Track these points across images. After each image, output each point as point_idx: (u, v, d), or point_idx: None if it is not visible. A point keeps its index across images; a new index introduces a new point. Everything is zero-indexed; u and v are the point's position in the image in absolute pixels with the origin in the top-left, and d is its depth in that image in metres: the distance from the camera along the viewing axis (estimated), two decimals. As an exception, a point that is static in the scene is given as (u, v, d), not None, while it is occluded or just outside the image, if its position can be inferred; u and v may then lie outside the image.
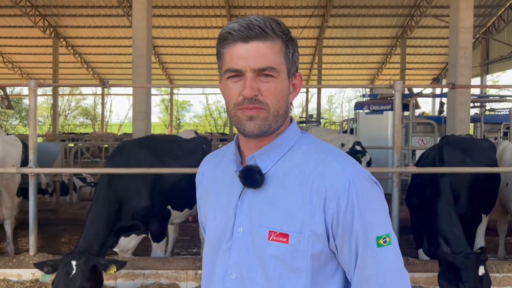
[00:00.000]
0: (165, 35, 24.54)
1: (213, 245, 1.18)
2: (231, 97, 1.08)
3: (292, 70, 1.13)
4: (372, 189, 1.08)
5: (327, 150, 1.14)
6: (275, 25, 1.07)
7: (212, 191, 1.23)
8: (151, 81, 8.78)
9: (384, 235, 1.05)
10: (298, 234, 1.05)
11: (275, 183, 1.10)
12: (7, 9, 21.34)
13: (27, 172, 4.23)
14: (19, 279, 3.78)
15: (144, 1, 8.39)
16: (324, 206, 1.05)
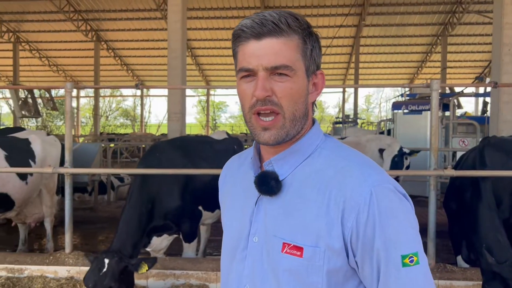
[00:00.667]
0: (201, 37, 24.85)
1: (228, 253, 1.12)
2: (245, 99, 1.01)
3: (312, 68, 1.03)
4: (398, 202, 0.96)
5: (349, 157, 1.03)
6: (291, 20, 0.98)
7: (230, 195, 1.18)
8: (186, 82, 8.89)
9: (411, 253, 0.94)
10: (313, 248, 0.96)
11: (292, 191, 1.02)
12: (52, 14, 22.25)
13: (63, 172, 4.36)
14: (55, 276, 3.90)
15: (179, 4, 8.51)
16: (342, 218, 0.95)
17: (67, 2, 21.29)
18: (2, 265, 3.99)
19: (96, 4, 21.75)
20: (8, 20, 23.91)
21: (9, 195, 5.00)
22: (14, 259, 4.07)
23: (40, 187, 5.53)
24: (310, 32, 1.03)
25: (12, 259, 4.07)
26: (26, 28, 24.78)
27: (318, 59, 1.06)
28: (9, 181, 4.97)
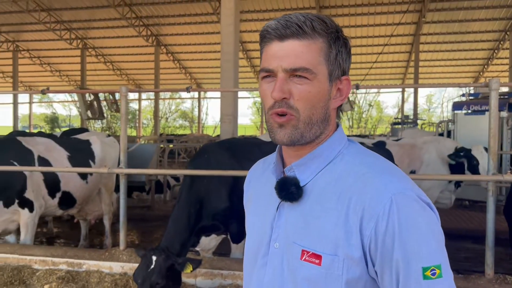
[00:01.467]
0: (256, 39, 25.03)
1: (250, 259, 1.12)
2: (265, 100, 1.01)
3: (336, 73, 1.01)
4: (420, 211, 0.92)
5: (371, 163, 1.00)
6: (317, 23, 0.97)
7: (254, 200, 1.18)
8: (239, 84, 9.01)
9: (433, 266, 0.90)
10: (332, 256, 0.94)
11: (312, 197, 1.01)
12: (116, 21, 23.43)
13: (117, 172, 4.58)
14: (110, 271, 4.10)
15: (232, 7, 8.66)
16: (361, 227, 0.93)
17: (129, 9, 22.32)
18: (63, 259, 4.27)
19: (156, 10, 22.62)
20: (77, 28, 25.48)
21: (71, 193, 5.34)
22: (73, 254, 4.33)
23: (100, 186, 5.84)
24: (337, 36, 1.00)
25: (72, 254, 4.34)
26: (92, 35, 26.28)
27: (345, 64, 1.03)
28: (71, 180, 5.30)
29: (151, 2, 21.50)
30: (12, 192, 4.66)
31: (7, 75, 32.76)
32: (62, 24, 24.60)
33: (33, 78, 34.58)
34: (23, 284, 4.02)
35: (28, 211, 4.80)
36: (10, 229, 4.89)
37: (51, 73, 32.68)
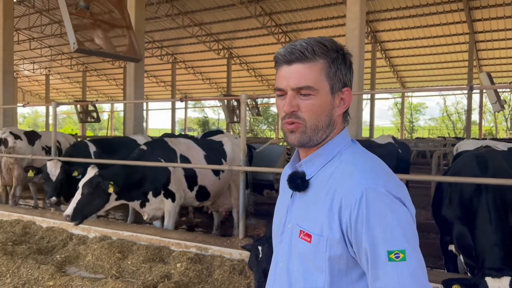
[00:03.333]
0: (395, 38, 24.13)
1: (274, 236, 1.38)
2: (280, 112, 1.25)
3: (337, 86, 1.22)
4: (389, 203, 1.08)
5: (359, 163, 1.19)
6: (317, 47, 1.19)
7: (281, 192, 1.42)
8: (363, 88, 8.96)
9: (397, 250, 1.05)
10: (318, 236, 1.15)
11: (313, 189, 1.23)
12: (257, 30, 24.98)
13: (236, 169, 5.11)
14: (230, 257, 4.64)
15: (357, 11, 8.66)
16: (340, 214, 1.12)
17: (269, 18, 23.61)
18: (193, 243, 4.96)
19: (294, 17, 23.46)
20: (224, 39, 27.85)
21: (206, 187, 6.09)
22: (202, 239, 5.00)
23: (230, 182, 6.51)
24: (336, 56, 1.21)
25: (200, 239, 5.01)
26: (237, 44, 28.40)
27: (345, 77, 1.24)
28: (206, 176, 6.05)
29: (289, 9, 22.40)
30: (159, 184, 5.56)
31: (167, 84, 37.35)
32: (211, 36, 27.18)
33: (188, 86, 38.76)
34: (162, 261, 4.81)
35: (171, 201, 5.67)
36: (157, 216, 5.83)
37: (202, 81, 36.27)
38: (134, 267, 4.65)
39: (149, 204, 5.50)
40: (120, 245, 5.12)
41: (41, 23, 27.60)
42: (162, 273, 4.38)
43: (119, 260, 4.80)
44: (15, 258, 4.81)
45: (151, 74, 37.04)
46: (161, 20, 24.72)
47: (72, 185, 5.66)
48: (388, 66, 27.86)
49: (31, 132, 8.04)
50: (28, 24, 27.97)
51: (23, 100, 46.12)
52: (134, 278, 4.40)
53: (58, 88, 45.12)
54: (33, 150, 7.61)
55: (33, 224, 6.35)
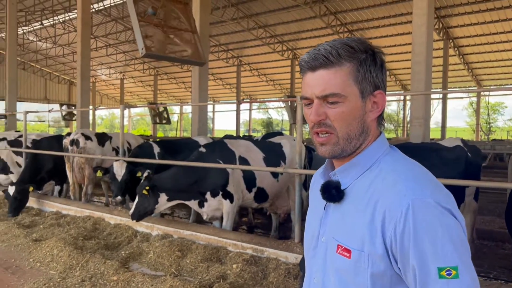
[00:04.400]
0: (470, 33, 22.73)
1: (306, 250, 1.29)
2: (308, 122, 1.17)
3: (368, 89, 1.12)
4: (438, 216, 0.99)
5: (401, 171, 1.09)
6: (343, 50, 1.10)
7: (312, 200, 1.33)
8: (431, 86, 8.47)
9: (448, 267, 0.97)
10: (359, 251, 1.07)
11: (349, 199, 1.14)
12: (321, 30, 24.71)
13: (291, 172, 5.06)
14: (286, 261, 4.59)
15: (424, 7, 8.22)
16: (383, 228, 1.04)
17: (334, 17, 23.24)
18: (249, 245, 4.99)
19: (360, 15, 22.90)
20: (288, 40, 27.86)
21: (265, 189, 6.10)
22: (258, 241, 5.00)
23: (288, 184, 6.47)
24: (365, 57, 1.12)
25: (256, 241, 5.02)
26: (300, 45, 28.29)
27: (376, 79, 1.14)
28: (264, 178, 6.06)
29: (355, 8, 21.91)
30: (217, 185, 5.66)
31: (233, 86, 38.07)
32: (275, 37, 27.30)
33: (252, 88, 39.25)
34: (219, 261, 4.89)
35: (229, 202, 5.74)
36: (216, 216, 5.93)
37: (266, 82, 36.55)
38: (192, 266, 4.76)
39: (208, 205, 5.63)
40: (180, 243, 5.27)
41: (116, 30, 29.35)
42: (218, 273, 4.44)
43: (178, 259, 4.94)
44: (84, 252, 5.12)
45: (217, 76, 37.97)
46: (226, 23, 25.26)
47: (137, 185, 5.93)
48: (462, 63, 26.30)
49: (101, 133, 8.54)
50: (105, 32, 29.88)
51: (100, 103, 49.31)
52: (191, 277, 4.51)
53: (132, 91, 47.69)
54: (103, 151, 8.08)
55: (102, 220, 6.74)
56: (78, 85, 14.70)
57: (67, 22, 30.09)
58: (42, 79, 44.95)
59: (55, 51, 37.50)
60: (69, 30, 30.63)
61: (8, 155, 8.88)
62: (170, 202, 5.57)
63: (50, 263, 5.01)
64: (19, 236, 6.05)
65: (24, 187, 7.28)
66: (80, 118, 14.68)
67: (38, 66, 43.60)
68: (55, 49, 36.83)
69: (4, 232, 6.29)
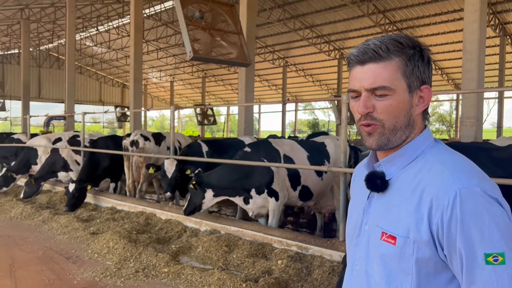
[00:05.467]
0: (530, 29, 21.51)
1: (349, 238, 1.33)
2: (355, 114, 1.21)
3: (415, 84, 1.16)
4: (485, 204, 1.02)
5: (447, 161, 1.13)
6: (392, 45, 1.14)
7: (355, 192, 1.36)
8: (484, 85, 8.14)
9: (495, 253, 0.99)
10: (404, 238, 1.10)
11: (394, 189, 1.17)
12: (370, 29, 24.28)
13: (335, 170, 5.09)
14: (330, 258, 4.64)
15: (476, 3, 7.91)
16: (429, 215, 1.07)
17: (383, 15, 22.78)
18: (294, 242, 5.07)
19: (410, 13, 22.30)
20: (335, 40, 27.60)
21: (309, 187, 6.17)
22: (302, 239, 5.08)
23: (332, 183, 6.50)
24: (413, 53, 1.15)
25: (301, 238, 5.09)
26: (348, 44, 27.92)
27: (423, 75, 1.17)
28: (309, 177, 6.14)
29: (404, 5, 21.38)
30: (262, 183, 5.80)
31: (278, 87, 38.18)
32: (322, 38, 27.13)
33: (298, 88, 39.16)
34: (264, 257, 5.01)
35: (275, 200, 5.87)
36: (261, 213, 6.08)
37: (312, 83, 36.35)
38: (238, 261, 4.92)
39: (253, 202, 5.80)
40: (227, 239, 5.45)
41: (166, 34, 30.31)
42: (264, 269, 4.57)
43: (225, 253, 5.12)
44: (137, 245, 5.42)
45: (263, 78, 38.22)
46: (273, 25, 25.42)
47: (186, 182, 6.19)
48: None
49: (157, 133, 8.93)
50: (156, 36, 30.94)
51: (151, 104, 51.02)
52: (238, 271, 4.66)
53: (181, 94, 48.99)
54: (159, 150, 8.46)
55: (154, 216, 7.06)
56: (131, 87, 15.36)
57: (120, 27, 31.45)
58: (97, 82, 47.19)
59: (109, 55, 39.27)
60: (123, 35, 31.97)
61: (68, 153, 9.48)
62: (216, 198, 5.85)
63: (107, 255, 5.34)
64: (78, 229, 6.48)
65: (83, 185, 7.76)
66: (133, 120, 15.34)
67: (94, 70, 45.80)
68: (109, 53, 38.56)
69: (65, 225, 6.75)
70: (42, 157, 9.95)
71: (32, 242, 6.09)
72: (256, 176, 5.78)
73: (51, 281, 4.62)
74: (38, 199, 8.95)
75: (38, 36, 33.26)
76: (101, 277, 4.69)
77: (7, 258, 5.40)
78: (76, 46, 35.37)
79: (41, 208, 8.03)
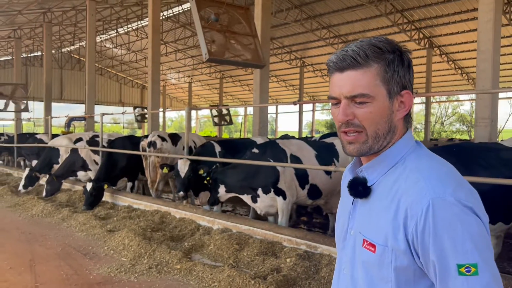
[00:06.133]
0: (552, 27, 21.03)
1: (337, 242, 1.33)
2: (335, 121, 1.20)
3: (395, 90, 1.14)
4: (459, 213, 1.02)
5: (424, 169, 1.11)
6: (370, 51, 1.12)
7: (342, 194, 1.36)
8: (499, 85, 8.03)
9: (468, 264, 0.99)
10: (383, 247, 1.10)
11: (375, 196, 1.17)
12: (387, 28, 24.11)
13: (342, 170, 5.13)
14: (338, 256, 4.71)
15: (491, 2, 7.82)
16: (405, 224, 1.07)
17: (401, 15, 22.60)
18: (303, 241, 5.15)
19: (429, 12, 22.07)
20: (352, 40, 27.45)
21: (318, 186, 6.24)
22: (311, 238, 5.15)
23: (343, 183, 6.55)
24: (393, 58, 1.14)
25: (310, 237, 5.17)
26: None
27: (404, 79, 1.16)
28: (317, 175, 6.20)
29: (422, 4, 21.17)
30: (268, 182, 5.97)
31: (296, 87, 38.17)
32: (339, 38, 27.04)
33: (315, 89, 39.09)
34: (274, 255, 5.10)
35: (282, 198, 5.99)
36: (270, 212, 6.20)
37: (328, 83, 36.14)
38: (249, 259, 5.03)
39: (261, 200, 6.01)
40: (238, 237, 5.57)
41: (184, 36, 30.67)
42: (273, 266, 4.66)
43: (236, 251, 5.24)
44: (152, 242, 5.58)
45: (280, 78, 38.29)
46: (290, 25, 25.47)
47: (200, 182, 6.34)
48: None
49: (174, 134, 9.13)
50: (174, 38, 31.33)
51: (170, 105, 51.62)
52: (248, 269, 4.77)
53: (199, 94, 49.44)
54: (176, 150, 8.65)
55: (169, 214, 7.24)
56: (149, 88, 15.65)
57: (139, 29, 31.95)
58: (117, 83, 48.00)
59: (129, 57, 39.93)
60: (141, 37, 32.48)
61: (87, 153, 9.75)
62: (228, 194, 6.24)
63: (122, 251, 5.52)
64: (95, 227, 6.70)
65: (100, 184, 7.99)
66: (151, 120, 15.62)
67: (114, 72, 46.61)
68: (128, 55, 39.21)
69: (83, 223, 6.98)
70: (63, 156, 10.27)
71: (51, 239, 6.33)
72: (261, 176, 5.98)
73: (68, 276, 4.82)
74: (58, 198, 9.25)
75: (60, 39, 34.04)
76: (116, 272, 4.86)
77: (28, 253, 5.63)
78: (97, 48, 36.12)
79: (61, 206, 8.30)
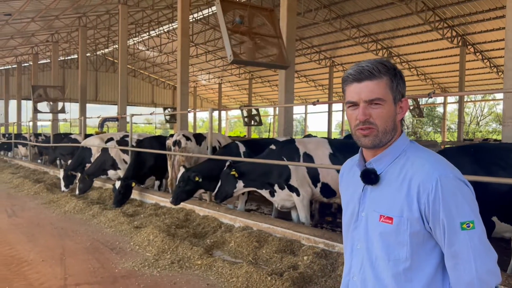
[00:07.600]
0: None
1: (346, 226, 1.63)
2: (351, 121, 1.53)
3: (398, 97, 1.51)
4: (457, 186, 1.39)
5: (424, 156, 1.49)
6: (381, 67, 1.48)
7: (347, 187, 1.68)
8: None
9: (468, 221, 1.36)
10: (399, 217, 1.44)
11: (385, 181, 1.51)
12: (419, 27, 23.64)
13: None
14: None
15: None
16: (418, 197, 1.41)
17: (433, 13, 22.13)
18: (321, 239, 5.21)
19: (462, 10, 21.52)
20: (382, 39, 27.10)
21: (329, 184, 6.27)
22: (329, 236, 5.21)
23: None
24: (395, 73, 1.50)
25: (328, 236, 5.23)
26: (396, 43, 27.33)
27: (403, 90, 1.53)
28: (328, 174, 6.24)
29: (455, 2, 20.66)
30: (281, 179, 6.22)
31: (325, 87, 37.96)
32: (369, 37, 26.73)
33: (346, 88, 38.62)
34: (292, 253, 5.19)
35: (296, 195, 6.16)
36: (286, 206, 6.46)
37: (360, 83, 35.72)
38: (267, 256, 5.14)
39: (277, 195, 6.33)
40: (258, 235, 5.70)
41: (214, 37, 31.05)
42: (290, 264, 4.76)
43: (255, 249, 5.36)
44: (175, 239, 5.79)
45: (309, 78, 38.16)
46: (319, 25, 25.38)
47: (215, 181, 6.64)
48: None
49: (198, 134, 9.35)
50: (204, 39, 31.77)
51: (201, 106, 52.34)
52: (266, 265, 4.88)
53: (229, 95, 49.89)
54: (200, 149, 8.86)
55: (193, 212, 7.44)
56: (178, 89, 15.97)
57: (170, 31, 32.59)
58: (149, 85, 49.09)
59: (160, 59, 40.76)
60: (173, 39, 33.11)
61: (117, 153, 10.11)
62: (245, 188, 6.51)
63: (147, 247, 5.75)
64: (123, 223, 6.98)
65: (128, 182, 8.28)
66: (180, 120, 15.95)
67: (146, 73, 47.70)
68: (160, 57, 40.03)
69: (112, 219, 7.28)
70: (95, 156, 10.69)
71: (81, 234, 6.65)
72: (275, 172, 6.24)
73: (95, 269, 5.07)
74: (90, 195, 9.65)
75: (94, 42, 35.13)
76: (139, 266, 5.08)
77: (59, 247, 5.95)
78: (130, 51, 37.10)
79: (92, 203, 8.67)
